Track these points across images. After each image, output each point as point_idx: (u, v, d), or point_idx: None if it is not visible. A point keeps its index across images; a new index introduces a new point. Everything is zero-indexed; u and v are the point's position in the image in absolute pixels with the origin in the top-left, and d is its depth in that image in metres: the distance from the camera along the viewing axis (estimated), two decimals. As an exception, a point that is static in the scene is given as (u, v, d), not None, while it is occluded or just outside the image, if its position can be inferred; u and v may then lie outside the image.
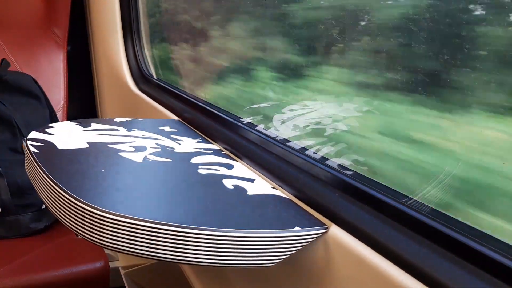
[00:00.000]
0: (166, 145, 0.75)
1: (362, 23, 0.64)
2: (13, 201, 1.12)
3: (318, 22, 0.76)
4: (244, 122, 0.82)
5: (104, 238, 0.48)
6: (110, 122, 0.84)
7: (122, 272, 0.94)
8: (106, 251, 1.08)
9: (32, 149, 0.64)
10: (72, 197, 0.50)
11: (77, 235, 1.17)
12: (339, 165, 0.59)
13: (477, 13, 0.48)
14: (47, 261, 1.03)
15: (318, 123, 0.67)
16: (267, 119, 0.77)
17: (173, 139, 0.79)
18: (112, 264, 1.08)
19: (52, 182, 0.54)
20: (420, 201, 0.48)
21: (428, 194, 0.47)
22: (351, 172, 0.57)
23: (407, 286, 0.41)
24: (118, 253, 1.22)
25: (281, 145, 0.68)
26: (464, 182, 0.48)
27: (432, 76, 0.52)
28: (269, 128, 0.73)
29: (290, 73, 0.84)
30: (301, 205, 0.57)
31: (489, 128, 0.47)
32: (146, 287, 0.93)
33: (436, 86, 0.52)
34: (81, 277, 1.01)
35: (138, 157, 0.66)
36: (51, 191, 0.54)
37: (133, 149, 0.70)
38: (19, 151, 1.16)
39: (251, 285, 0.68)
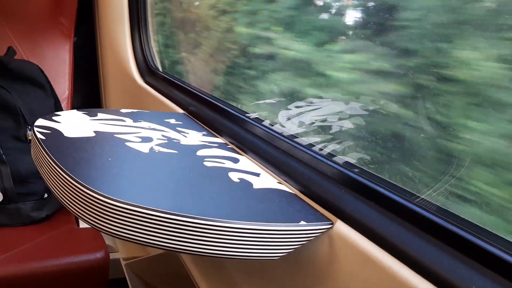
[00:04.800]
0: (172, 137, 0.75)
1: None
2: (15, 189, 1.12)
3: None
4: (250, 116, 0.82)
5: (109, 225, 0.48)
6: (116, 112, 0.85)
7: (122, 263, 0.94)
8: (107, 242, 1.08)
9: (39, 135, 0.64)
10: (79, 184, 0.50)
11: (78, 225, 1.18)
12: (346, 162, 0.59)
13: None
14: (48, 250, 1.03)
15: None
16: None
17: (179, 132, 0.79)
18: (112, 256, 1.08)
19: (59, 168, 0.54)
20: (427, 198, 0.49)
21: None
22: (357, 169, 0.57)
23: (412, 283, 0.41)
24: (118, 245, 1.22)
25: (287, 140, 0.68)
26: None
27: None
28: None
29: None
30: (306, 200, 0.57)
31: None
32: (146, 279, 0.93)
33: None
34: (81, 267, 1.01)
35: (144, 148, 0.66)
36: (58, 177, 0.54)
37: (140, 139, 0.70)
38: (23, 140, 1.16)
39: (253, 278, 0.68)
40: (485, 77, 0.50)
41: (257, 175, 0.64)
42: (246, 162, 0.69)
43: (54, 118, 0.74)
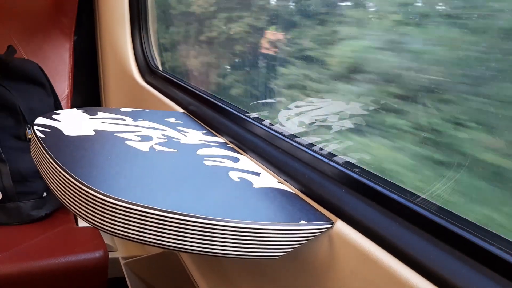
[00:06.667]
0: (172, 136, 0.75)
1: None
2: (14, 188, 1.12)
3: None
4: (250, 116, 0.82)
5: (108, 223, 0.48)
6: (116, 111, 0.85)
7: (121, 262, 0.94)
8: (106, 241, 1.08)
9: (39, 134, 0.63)
10: (78, 182, 0.50)
11: (77, 224, 1.17)
12: (346, 161, 0.59)
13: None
14: (47, 249, 1.03)
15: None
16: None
17: (179, 131, 0.79)
18: (111, 255, 1.08)
19: (59, 167, 0.54)
20: (427, 198, 0.48)
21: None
22: (358, 169, 0.57)
23: (412, 283, 0.41)
24: (117, 244, 1.22)
25: (287, 140, 0.68)
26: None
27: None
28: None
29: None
30: (306, 200, 0.57)
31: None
32: (145, 278, 0.93)
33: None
34: (80, 266, 1.01)
35: (144, 147, 0.66)
36: (57, 176, 0.54)
37: (139, 138, 0.70)
38: (22, 138, 1.15)
39: (252, 278, 0.68)
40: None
41: (257, 174, 0.64)
42: (246, 162, 0.69)
43: (53, 116, 0.74)
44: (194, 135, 0.78)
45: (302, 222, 0.51)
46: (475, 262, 0.40)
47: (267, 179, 0.62)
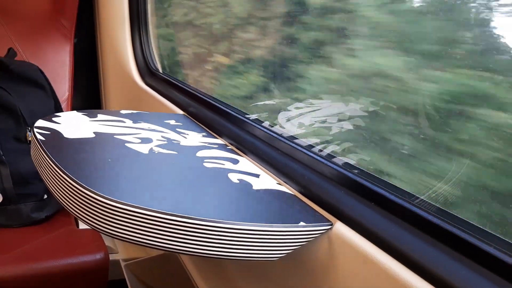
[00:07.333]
0: (172, 138, 0.75)
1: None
2: (15, 190, 1.12)
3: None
4: (249, 118, 0.82)
5: (109, 226, 0.48)
6: (116, 113, 0.85)
7: (122, 264, 0.94)
8: (106, 243, 1.08)
9: (39, 137, 0.64)
10: (78, 185, 0.50)
11: (78, 226, 1.18)
12: (345, 163, 0.59)
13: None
14: (47, 251, 1.03)
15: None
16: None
17: (179, 133, 0.79)
18: (111, 257, 1.08)
19: (59, 170, 0.54)
20: (427, 200, 0.49)
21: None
22: (357, 170, 0.57)
23: (411, 284, 0.41)
24: (117, 246, 1.23)
25: (286, 141, 0.68)
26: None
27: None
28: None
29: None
30: (306, 201, 0.57)
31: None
32: (146, 280, 0.93)
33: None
34: (81, 268, 1.01)
35: (144, 149, 0.66)
36: (57, 178, 0.54)
37: (139, 140, 0.70)
38: (23, 140, 1.16)
39: (252, 280, 0.68)
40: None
41: (257, 176, 0.64)
42: (245, 163, 0.69)
43: (54, 119, 0.74)
44: (194, 137, 0.78)
45: (301, 223, 0.51)
46: (474, 263, 0.40)
47: (267, 181, 0.63)
